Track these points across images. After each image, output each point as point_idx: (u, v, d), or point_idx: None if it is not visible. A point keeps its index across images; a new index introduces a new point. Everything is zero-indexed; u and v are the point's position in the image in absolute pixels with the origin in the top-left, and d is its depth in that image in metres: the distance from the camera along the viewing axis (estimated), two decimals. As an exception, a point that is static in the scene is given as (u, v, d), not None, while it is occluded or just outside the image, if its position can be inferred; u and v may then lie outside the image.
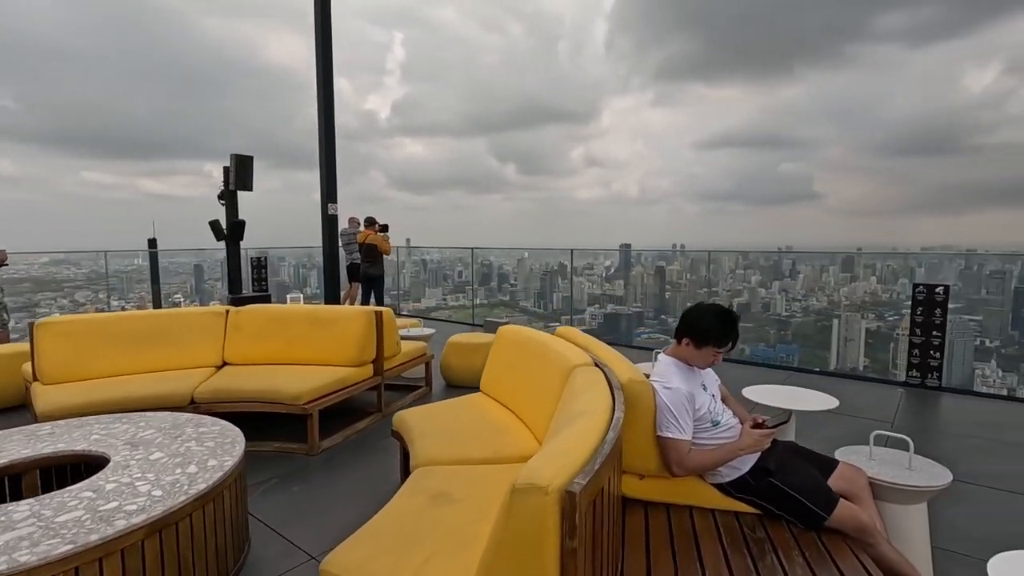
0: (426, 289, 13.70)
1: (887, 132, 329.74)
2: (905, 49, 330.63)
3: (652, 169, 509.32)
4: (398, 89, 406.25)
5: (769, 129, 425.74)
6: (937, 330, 5.32)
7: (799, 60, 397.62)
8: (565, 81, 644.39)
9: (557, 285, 12.58)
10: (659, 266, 11.08)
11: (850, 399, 4.75)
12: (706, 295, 11.00)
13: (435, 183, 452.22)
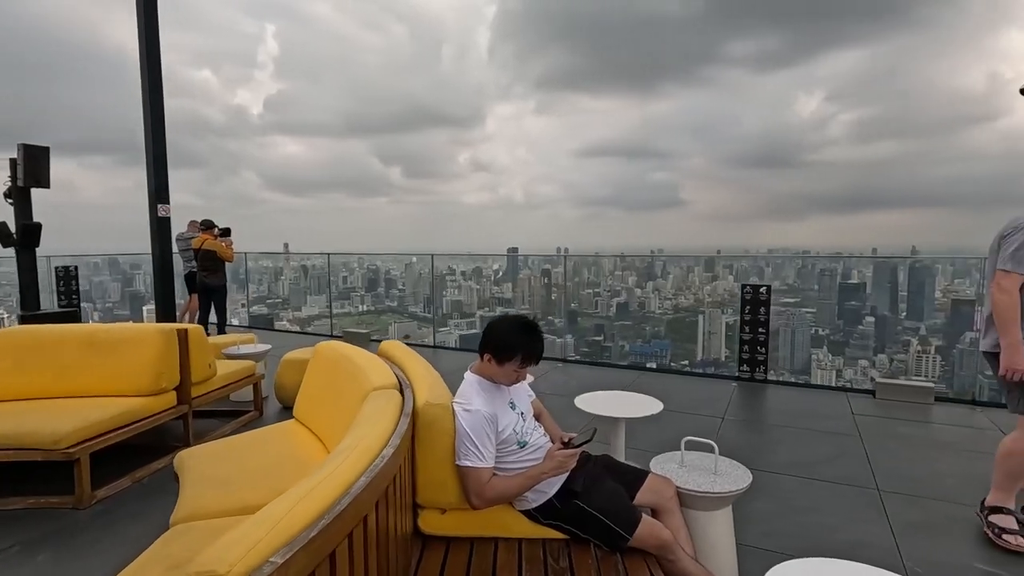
0: (307, 297, 12.97)
1: (739, 146, 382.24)
2: (750, 74, 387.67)
3: (535, 175, 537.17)
4: (271, 85, 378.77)
5: (640, 140, 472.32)
6: (762, 327, 5.75)
7: (664, 78, 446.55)
8: (449, 85, 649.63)
9: (446, 289, 12.53)
10: (545, 269, 11.45)
11: (690, 396, 5.18)
12: (590, 296, 11.57)
13: (314, 185, 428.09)
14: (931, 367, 8.07)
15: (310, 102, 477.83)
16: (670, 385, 5.62)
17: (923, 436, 4.13)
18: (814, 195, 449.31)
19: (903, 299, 9.00)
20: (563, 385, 5.59)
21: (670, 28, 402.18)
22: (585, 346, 10.72)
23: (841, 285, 9.51)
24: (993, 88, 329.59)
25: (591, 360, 7.43)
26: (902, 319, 8.86)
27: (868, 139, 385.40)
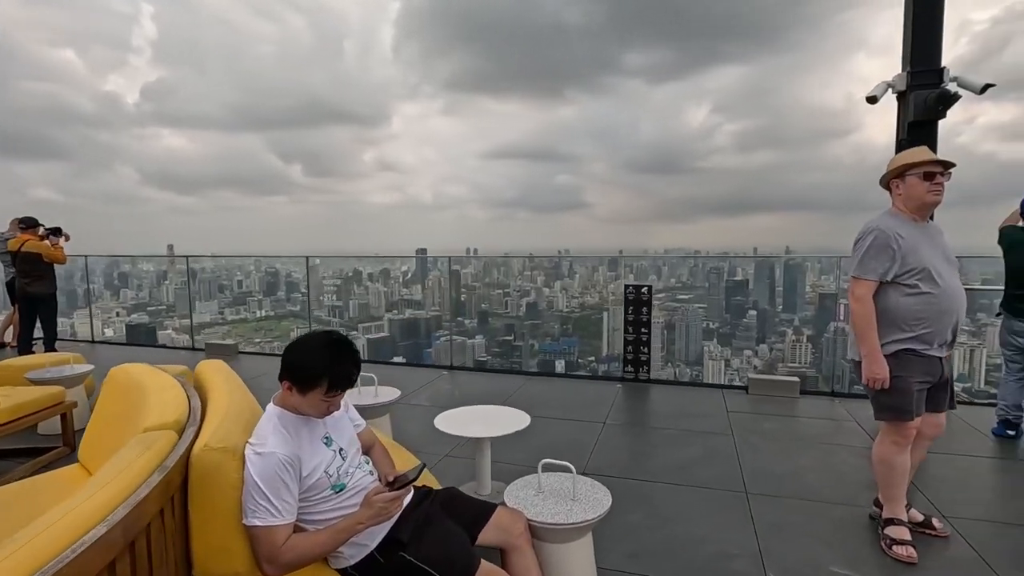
0: (196, 303, 11.96)
1: (636, 152, 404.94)
2: (646, 84, 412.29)
3: (443, 176, 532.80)
4: (149, 71, 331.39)
5: (546, 144, 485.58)
6: (645, 327, 5.72)
7: (568, 84, 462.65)
8: (353, 82, 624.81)
9: (353, 292, 12.11)
10: (454, 270, 11.41)
11: (575, 401, 5.16)
12: (500, 296, 11.68)
13: (202, 182, 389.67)
14: (804, 354, 9.02)
15: (196, 92, 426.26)
16: (556, 390, 5.58)
17: (788, 431, 4.28)
18: (703, 199, 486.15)
19: (779, 294, 9.99)
20: (443, 397, 5.38)
21: (573, 37, 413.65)
22: (496, 346, 10.82)
23: (727, 282, 10.36)
24: (848, 106, 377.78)
25: (483, 367, 7.22)
26: (779, 312, 9.82)
27: (748, 148, 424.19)
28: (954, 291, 2.35)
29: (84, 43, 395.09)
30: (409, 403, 5.03)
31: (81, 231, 7.53)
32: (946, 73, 3.73)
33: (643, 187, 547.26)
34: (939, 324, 2.35)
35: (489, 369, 7.00)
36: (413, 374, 6.25)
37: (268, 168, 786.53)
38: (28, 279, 6.04)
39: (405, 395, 4.95)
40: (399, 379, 5.52)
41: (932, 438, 2.64)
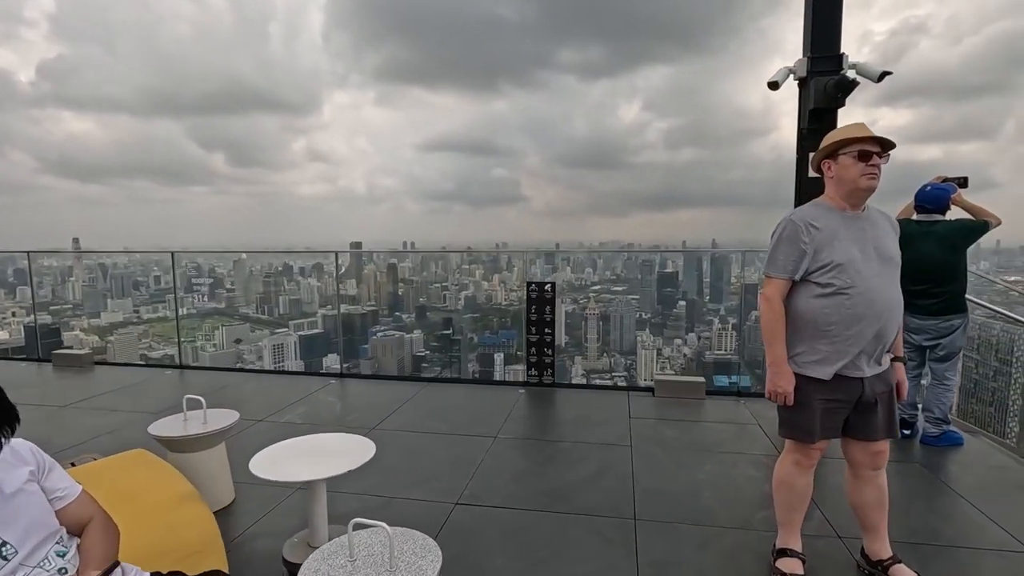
0: (108, 301, 11.08)
1: (570, 147, 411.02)
2: (578, 81, 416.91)
3: (376, 167, 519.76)
4: (46, 47, 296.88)
5: (482, 136, 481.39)
6: (548, 327, 5.43)
7: (502, 78, 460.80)
8: (280, 68, 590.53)
9: (283, 288, 11.62)
10: (391, 263, 11.20)
11: (471, 410, 4.69)
12: (438, 290, 11.57)
13: (112, 170, 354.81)
14: (729, 341, 9.53)
15: (103, 73, 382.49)
16: (453, 399, 5.03)
17: (689, 439, 4.00)
18: (635, 194, 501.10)
19: (707, 285, 10.51)
20: (320, 412, 4.66)
21: (505, 31, 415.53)
22: (435, 340, 10.73)
23: (659, 274, 10.77)
24: (766, 107, 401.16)
25: (377, 375, 6.43)
26: (707, 302, 10.33)
27: (676, 145, 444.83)
28: (878, 293, 1.98)
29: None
30: (277, 421, 4.36)
31: (-32, 223, 6.76)
32: (845, 60, 3.71)
33: (577, 181, 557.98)
34: (854, 331, 1.98)
35: (383, 376, 6.19)
36: (296, 384, 5.47)
37: (187, 156, 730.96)
38: None
39: (274, 412, 4.57)
40: (277, 391, 5.12)
41: (874, 469, 2.19)
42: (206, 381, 5.66)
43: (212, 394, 4.38)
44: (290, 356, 10.45)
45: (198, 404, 2.99)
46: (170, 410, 3.87)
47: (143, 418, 4.15)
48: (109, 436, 4.04)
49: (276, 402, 4.78)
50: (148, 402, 4.83)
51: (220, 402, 4.21)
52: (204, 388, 5.24)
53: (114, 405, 4.81)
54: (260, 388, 5.33)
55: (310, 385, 5.40)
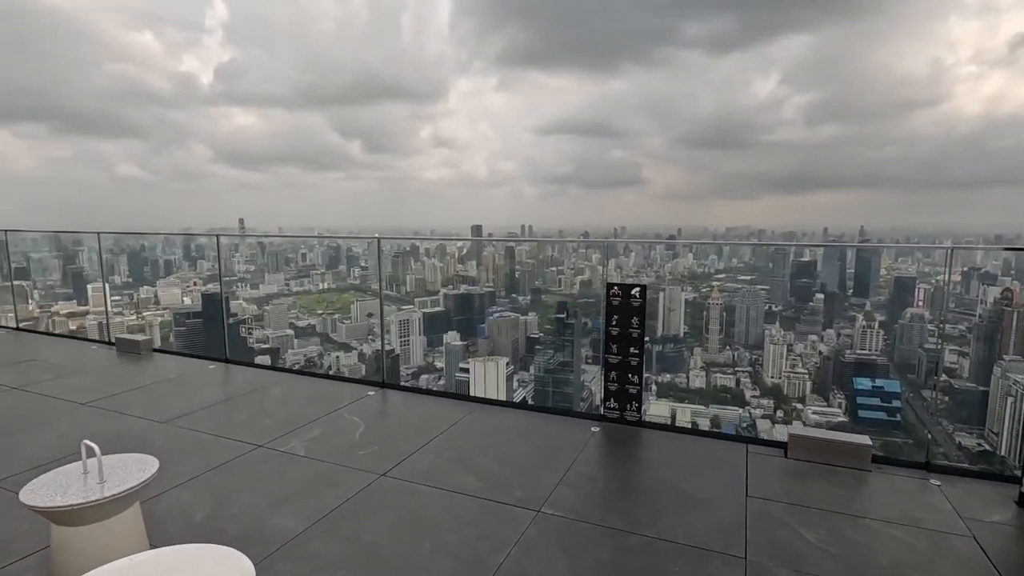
0: (266, 275, 12.59)
1: (693, 127, 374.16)
2: (705, 56, 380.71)
3: (496, 151, 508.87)
4: (221, 52, 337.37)
5: (599, 118, 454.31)
6: (635, 345, 3.92)
7: (622, 57, 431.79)
8: (409, 59, 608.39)
9: (410, 267, 12.39)
10: (509, 246, 11.43)
11: (516, 452, 3.46)
12: (554, 274, 11.65)
13: (267, 158, 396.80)
14: (875, 341, 8.53)
15: (263, 72, 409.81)
16: (503, 432, 3.84)
17: (845, 554, 2.42)
18: (765, 175, 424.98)
19: (850, 276, 9.44)
20: (328, 443, 3.55)
21: (625, 8, 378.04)
22: (548, 323, 10.84)
23: (793, 263, 9.88)
24: (934, 73, 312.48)
25: (427, 389, 5.36)
26: (849, 296, 9.30)
27: (816, 121, 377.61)
28: None
29: (160, 25, 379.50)
30: (276, 449, 3.39)
31: (160, 205, 8.04)
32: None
33: (701, 162, 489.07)
34: None
35: (432, 392, 5.02)
36: (332, 393, 4.50)
37: (329, 145, 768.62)
38: None
39: (284, 432, 3.60)
40: (304, 402, 4.24)
41: None
42: (242, 380, 4.94)
43: (236, 399, 4.25)
44: (415, 331, 11.17)
45: (92, 452, 2.07)
46: (176, 417, 3.64)
47: (143, 426, 3.67)
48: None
49: (294, 417, 3.90)
50: (167, 404, 4.17)
51: (235, 410, 4.00)
52: (235, 388, 4.65)
53: (126, 407, 4.08)
54: (289, 395, 4.47)
55: (344, 395, 4.45)
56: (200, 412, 4.01)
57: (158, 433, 3.61)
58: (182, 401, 4.22)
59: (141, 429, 3.68)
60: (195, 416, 3.93)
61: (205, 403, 4.15)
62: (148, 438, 3.48)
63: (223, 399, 4.37)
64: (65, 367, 5.15)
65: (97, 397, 4.27)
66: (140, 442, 3.37)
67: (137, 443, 3.27)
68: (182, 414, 3.94)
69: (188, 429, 3.69)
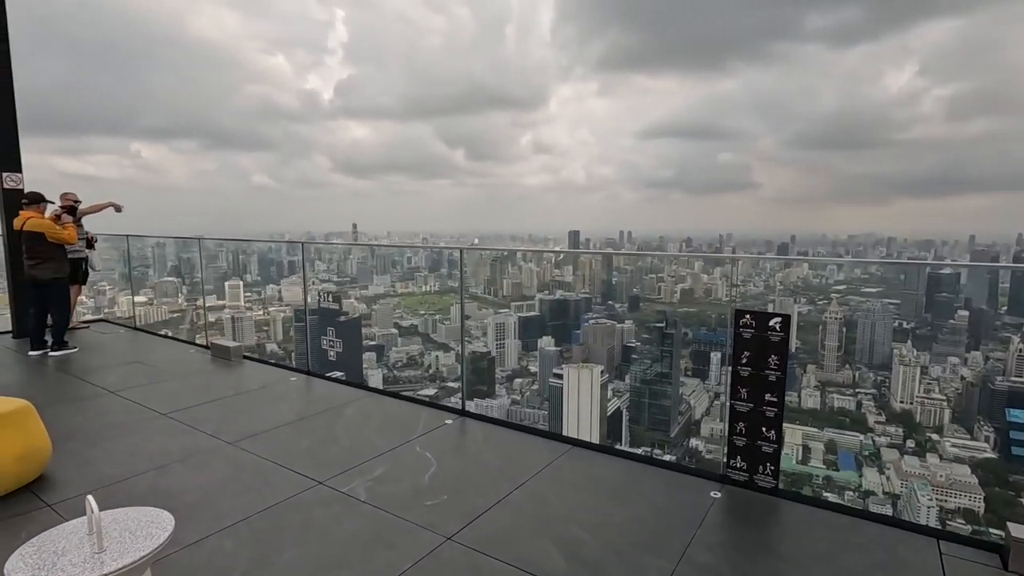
0: (374, 276, 13.42)
1: (812, 126, 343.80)
2: (827, 49, 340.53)
3: (594, 156, 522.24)
4: (340, 70, 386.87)
5: (705, 119, 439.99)
6: (772, 390, 3.02)
7: (732, 56, 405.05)
8: (512, 67, 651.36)
9: (507, 271, 12.61)
10: (606, 252, 11.28)
11: (619, 520, 2.70)
12: (653, 281, 11.31)
13: (377, 167, 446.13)
14: (1034, 367, 7.34)
15: (376, 86, 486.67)
16: (604, 486, 3.10)
17: None
18: (900, 177, 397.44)
19: (1004, 292, 8.21)
20: (382, 484, 3.03)
21: (736, 4, 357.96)
22: (646, 331, 10.52)
23: (931, 275, 8.78)
24: None
25: (511, 423, 4.10)
26: (1002, 313, 8.09)
27: (961, 116, 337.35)
28: None
29: (289, 48, 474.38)
30: (337, 490, 2.95)
31: (286, 212, 8.82)
32: None
33: (818, 164, 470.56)
34: None
35: (518, 427, 4.01)
36: (408, 419, 4.01)
37: (434, 153, 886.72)
38: (32, 260, 5.51)
39: (348, 467, 3.18)
40: (374, 431, 3.76)
41: None
42: (318, 396, 4.57)
43: (308, 420, 3.92)
44: (510, 335, 11.34)
45: (87, 509, 1.77)
46: (244, 438, 3.46)
47: (210, 446, 3.45)
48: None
49: (361, 448, 3.46)
50: (240, 420, 3.92)
51: (303, 433, 3.62)
52: (309, 406, 4.31)
53: (201, 421, 3.89)
54: (363, 418, 4.03)
55: (420, 422, 3.92)
56: (269, 433, 3.67)
57: (222, 456, 3.33)
58: (255, 418, 3.94)
59: (207, 449, 3.40)
60: (263, 438, 3.61)
61: (277, 422, 3.83)
62: (210, 462, 3.22)
63: (295, 419, 3.99)
64: (161, 372, 5.14)
65: (178, 407, 4.11)
66: (200, 466, 3.16)
67: (198, 466, 3.09)
68: (251, 434, 3.63)
69: (252, 453, 3.35)
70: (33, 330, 5.66)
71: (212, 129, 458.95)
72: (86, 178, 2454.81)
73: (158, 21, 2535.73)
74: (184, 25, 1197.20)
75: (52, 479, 2.98)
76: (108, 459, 3.26)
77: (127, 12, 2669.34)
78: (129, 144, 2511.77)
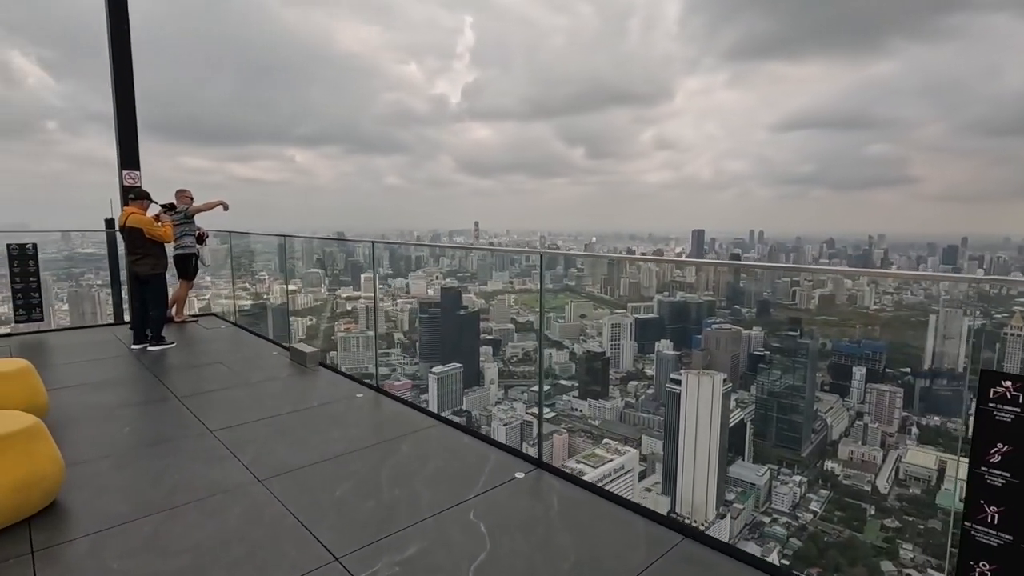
0: (493, 272, 13.86)
1: (994, 109, 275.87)
2: (1015, 18, 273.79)
3: (723, 152, 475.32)
4: (467, 73, 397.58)
5: (855, 108, 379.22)
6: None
7: (892, 33, 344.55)
8: (634, 62, 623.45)
9: (624, 270, 12.34)
10: (734, 253, 10.61)
11: None
12: (787, 285, 10.39)
13: (498, 167, 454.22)
14: None
15: (500, 88, 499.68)
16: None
17: None
18: None
19: None
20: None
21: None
22: (776, 339, 9.71)
23: None
24: None
25: (612, 495, 2.88)
26: None
27: None
28: None
29: (421, 56, 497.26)
30: (350, 573, 2.22)
31: (414, 211, 9.37)
32: None
33: (1002, 154, 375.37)
34: None
35: (610, 495, 2.83)
36: (473, 465, 3.16)
37: (553, 152, 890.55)
38: (133, 256, 5.61)
39: (364, 546, 2.39)
40: (423, 470, 3.06)
41: None
42: (376, 423, 3.97)
43: (354, 455, 3.24)
44: (625, 335, 11.09)
45: None
46: (276, 475, 2.94)
47: (237, 482, 2.95)
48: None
49: (400, 507, 2.70)
50: (283, 449, 3.37)
51: (341, 476, 2.96)
52: (361, 435, 3.64)
53: (243, 444, 3.41)
54: (416, 460, 3.27)
55: (484, 472, 3.09)
56: (306, 471, 3.08)
57: (243, 499, 2.76)
58: (299, 447, 3.41)
59: (233, 487, 2.85)
60: (297, 476, 3.04)
61: (319, 455, 3.20)
62: (228, 506, 2.69)
63: (341, 451, 3.33)
64: (233, 377, 4.87)
65: (229, 423, 3.73)
66: (215, 511, 2.65)
67: (212, 512, 2.60)
68: (286, 469, 3.07)
69: (277, 500, 2.75)
70: (136, 324, 5.77)
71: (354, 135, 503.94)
72: (252, 180, 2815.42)
73: (312, 40, 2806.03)
74: (333, 42, 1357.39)
75: (55, 513, 2.57)
76: (125, 490, 2.80)
77: (288, 33, 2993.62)
78: (285, 150, 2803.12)
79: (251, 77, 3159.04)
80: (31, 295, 6.28)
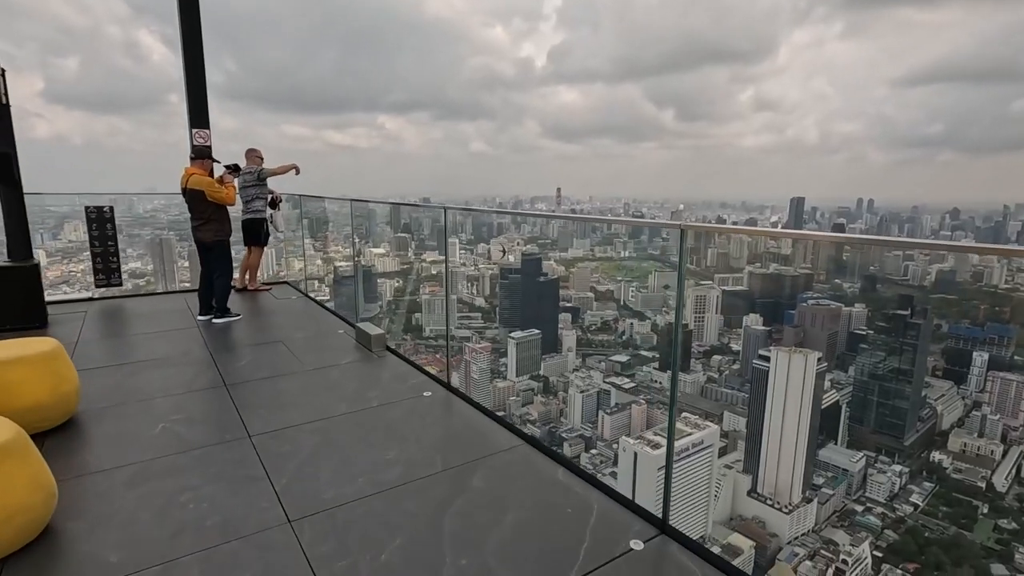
0: (574, 240, 13.73)
1: None
2: None
3: (834, 111, 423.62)
4: (553, 35, 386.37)
5: (1000, 57, 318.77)
6: None
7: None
8: (736, 15, 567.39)
9: (713, 240, 11.79)
10: (837, 223, 9.80)
11: None
12: (899, 259, 9.47)
13: (584, 131, 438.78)
14: None
15: (588, 49, 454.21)
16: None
17: None
18: None
19: None
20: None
21: None
22: (882, 319, 8.94)
23: None
24: None
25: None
26: None
27: None
28: None
29: (508, 18, 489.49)
30: None
31: (499, 177, 9.39)
32: None
33: None
34: None
35: None
36: (555, 511, 2.02)
37: (642, 115, 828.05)
38: (196, 221, 5.11)
39: None
40: (498, 527, 1.96)
41: None
42: (447, 436, 2.89)
43: (404, 489, 2.15)
44: (710, 308, 10.66)
45: None
46: (307, 515, 1.97)
47: (253, 526, 2.06)
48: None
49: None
50: (323, 469, 2.40)
51: (382, 534, 1.77)
52: (424, 459, 2.55)
53: (281, 462, 2.50)
54: (487, 513, 2.10)
55: (584, 539, 1.85)
56: (345, 511, 2.11)
57: (260, 554, 1.97)
58: (345, 469, 2.48)
59: (250, 532, 2.03)
60: (333, 520, 2.14)
61: (367, 486, 2.20)
62: (235, 565, 1.78)
63: (394, 482, 2.27)
64: (292, 361, 4.18)
65: (273, 426, 3.02)
66: (220, 571, 1.83)
67: (216, 571, 1.83)
68: (322, 507, 2.11)
69: (303, 557, 1.78)
70: (202, 294, 5.28)
71: (442, 100, 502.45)
72: (345, 147, 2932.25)
73: (404, 9, 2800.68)
74: (422, 9, 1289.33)
75: (31, 555, 1.92)
76: (123, 525, 2.13)
77: (382, 4, 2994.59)
78: (377, 118, 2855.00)
79: (350, 48, 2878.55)
80: (110, 259, 5.99)
